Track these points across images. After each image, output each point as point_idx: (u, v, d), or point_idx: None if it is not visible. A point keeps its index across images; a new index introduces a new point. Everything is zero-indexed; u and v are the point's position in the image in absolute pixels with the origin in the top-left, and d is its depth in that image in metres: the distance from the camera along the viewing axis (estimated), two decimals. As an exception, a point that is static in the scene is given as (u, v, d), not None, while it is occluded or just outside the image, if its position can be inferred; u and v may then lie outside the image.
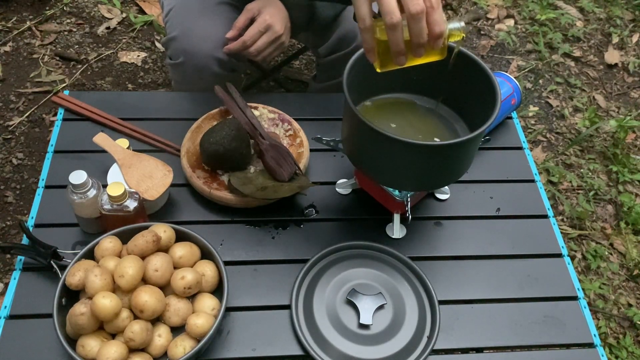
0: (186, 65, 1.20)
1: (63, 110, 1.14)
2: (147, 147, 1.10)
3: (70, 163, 1.05)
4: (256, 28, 1.12)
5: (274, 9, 1.13)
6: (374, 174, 0.93)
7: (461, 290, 0.97)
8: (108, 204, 0.89)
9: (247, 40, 1.12)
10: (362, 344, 0.88)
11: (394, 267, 0.96)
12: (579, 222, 1.79)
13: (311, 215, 1.04)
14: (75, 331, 0.80)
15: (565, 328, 0.94)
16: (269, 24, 1.12)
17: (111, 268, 0.82)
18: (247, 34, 1.12)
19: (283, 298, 0.93)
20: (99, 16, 2.22)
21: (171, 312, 0.83)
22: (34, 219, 0.99)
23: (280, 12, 1.14)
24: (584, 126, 2.05)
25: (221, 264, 0.87)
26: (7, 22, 2.13)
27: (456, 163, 0.89)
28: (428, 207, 1.07)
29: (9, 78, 1.97)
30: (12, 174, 1.73)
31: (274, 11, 1.13)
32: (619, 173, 1.91)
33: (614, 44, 2.36)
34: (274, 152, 1.03)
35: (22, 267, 0.93)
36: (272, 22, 1.12)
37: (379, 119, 0.97)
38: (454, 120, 1.00)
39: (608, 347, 1.54)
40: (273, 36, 1.13)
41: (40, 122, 1.86)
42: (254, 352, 0.88)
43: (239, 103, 1.11)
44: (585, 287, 1.63)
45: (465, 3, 2.45)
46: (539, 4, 2.45)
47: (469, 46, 2.29)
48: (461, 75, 0.94)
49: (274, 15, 1.13)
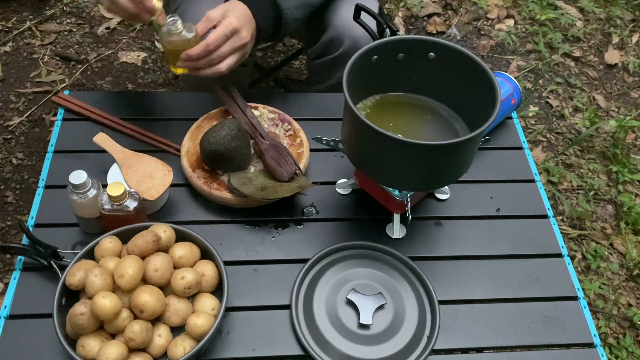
0: None
1: (63, 110, 1.14)
2: (147, 147, 1.10)
3: (70, 163, 1.05)
4: (222, 31, 0.97)
5: (240, 13, 1.01)
6: (374, 174, 0.93)
7: (461, 290, 0.97)
8: (108, 204, 0.89)
9: (210, 43, 0.97)
10: (362, 344, 0.88)
11: (394, 267, 0.96)
12: (579, 222, 1.79)
13: (311, 215, 1.04)
14: (75, 331, 0.80)
15: (565, 328, 0.94)
16: (235, 27, 0.98)
17: (111, 268, 0.82)
18: (211, 36, 0.97)
19: (283, 298, 0.93)
20: (99, 16, 2.22)
21: (171, 312, 0.83)
22: (34, 219, 0.99)
23: (246, 16, 1.02)
24: (584, 126, 2.05)
25: (221, 264, 0.87)
26: (7, 22, 2.13)
27: (456, 163, 0.89)
28: (428, 207, 1.07)
29: (9, 78, 1.97)
30: (12, 174, 1.73)
31: (240, 15, 1.01)
32: (619, 173, 1.91)
33: (614, 44, 2.36)
34: (274, 152, 1.03)
35: (22, 267, 0.93)
36: (239, 27, 0.99)
37: (378, 119, 0.97)
38: (454, 120, 1.00)
39: (608, 347, 1.54)
40: (239, 42, 1.00)
41: (40, 122, 1.86)
42: (254, 352, 0.88)
43: (239, 103, 1.11)
44: (585, 287, 1.63)
45: (465, 3, 2.45)
46: (539, 4, 2.45)
47: (469, 46, 2.29)
48: (461, 75, 0.94)
49: (240, 19, 1.00)
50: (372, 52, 0.93)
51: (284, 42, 2.17)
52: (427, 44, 0.95)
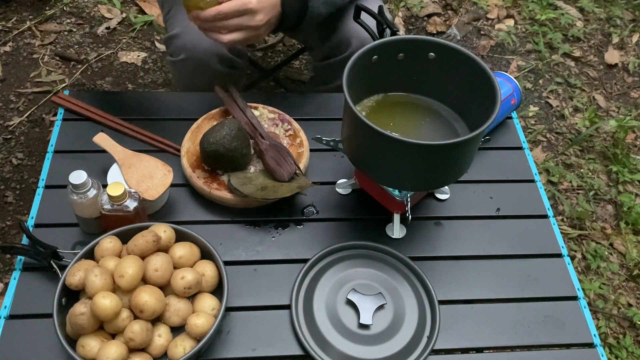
0: (187, 62, 1.20)
1: (63, 110, 1.14)
2: (147, 147, 1.10)
3: (70, 163, 1.05)
4: (235, 6, 0.97)
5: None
6: (374, 174, 0.93)
7: (461, 290, 0.97)
8: (108, 204, 0.89)
9: (220, 12, 0.97)
10: (362, 344, 0.88)
11: (394, 267, 0.96)
12: (579, 222, 1.79)
13: (311, 215, 1.04)
14: (75, 331, 0.80)
15: (565, 328, 0.94)
16: (250, 7, 0.98)
17: (111, 268, 0.82)
18: (225, 5, 0.97)
19: (283, 298, 0.93)
20: (99, 16, 2.21)
21: (171, 312, 0.83)
22: (34, 219, 0.99)
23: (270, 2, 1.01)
24: (584, 126, 2.05)
25: (221, 264, 0.87)
26: (7, 22, 2.13)
27: (456, 163, 0.89)
28: (428, 207, 1.07)
29: (9, 78, 1.97)
30: (12, 174, 1.73)
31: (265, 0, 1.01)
32: (619, 173, 1.91)
33: (614, 44, 2.36)
34: (274, 152, 1.03)
35: (22, 267, 0.93)
36: (256, 8, 0.98)
37: (378, 119, 0.97)
38: (454, 120, 1.00)
39: (608, 347, 1.54)
40: (250, 22, 0.99)
41: (40, 122, 1.86)
42: (254, 352, 0.88)
43: (239, 103, 1.11)
44: (585, 287, 1.63)
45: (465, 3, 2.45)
46: (539, 4, 2.45)
47: (469, 46, 2.29)
48: (461, 75, 0.94)
49: (261, 2, 0.99)
50: (372, 52, 0.93)
51: (284, 42, 2.17)
52: (427, 44, 0.95)
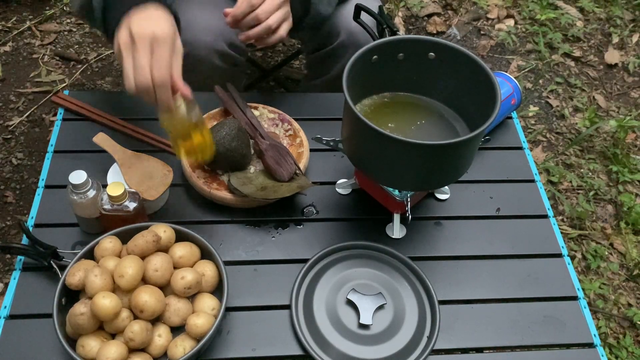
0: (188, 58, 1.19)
1: (63, 110, 1.14)
2: (147, 147, 1.10)
3: (70, 163, 1.05)
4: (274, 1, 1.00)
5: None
6: (374, 174, 0.93)
7: (461, 290, 0.97)
8: (108, 204, 0.89)
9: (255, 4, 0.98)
10: (362, 344, 0.88)
11: (394, 267, 0.96)
12: (579, 222, 1.79)
13: (311, 215, 1.04)
14: (75, 331, 0.80)
15: (565, 328, 0.94)
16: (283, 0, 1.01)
17: (111, 268, 0.82)
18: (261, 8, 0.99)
19: (283, 298, 0.93)
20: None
21: (171, 312, 0.83)
22: (34, 219, 0.99)
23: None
24: (584, 126, 2.05)
25: (221, 264, 0.87)
26: (7, 22, 2.13)
27: (456, 163, 0.89)
28: (428, 207, 1.07)
29: (9, 78, 1.97)
30: (12, 174, 1.73)
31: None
32: (619, 173, 1.91)
33: (614, 44, 2.36)
34: (274, 152, 1.03)
35: (22, 267, 0.93)
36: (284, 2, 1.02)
37: (379, 119, 0.97)
38: (454, 120, 1.00)
39: (608, 347, 1.54)
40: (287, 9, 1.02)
41: (40, 122, 1.86)
42: (254, 352, 0.88)
43: (239, 103, 1.11)
44: (585, 287, 1.63)
45: (465, 3, 2.45)
46: (539, 4, 2.45)
47: (469, 46, 2.29)
48: (461, 75, 0.94)
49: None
50: (372, 52, 0.93)
51: (284, 42, 2.17)
52: (427, 44, 0.95)
